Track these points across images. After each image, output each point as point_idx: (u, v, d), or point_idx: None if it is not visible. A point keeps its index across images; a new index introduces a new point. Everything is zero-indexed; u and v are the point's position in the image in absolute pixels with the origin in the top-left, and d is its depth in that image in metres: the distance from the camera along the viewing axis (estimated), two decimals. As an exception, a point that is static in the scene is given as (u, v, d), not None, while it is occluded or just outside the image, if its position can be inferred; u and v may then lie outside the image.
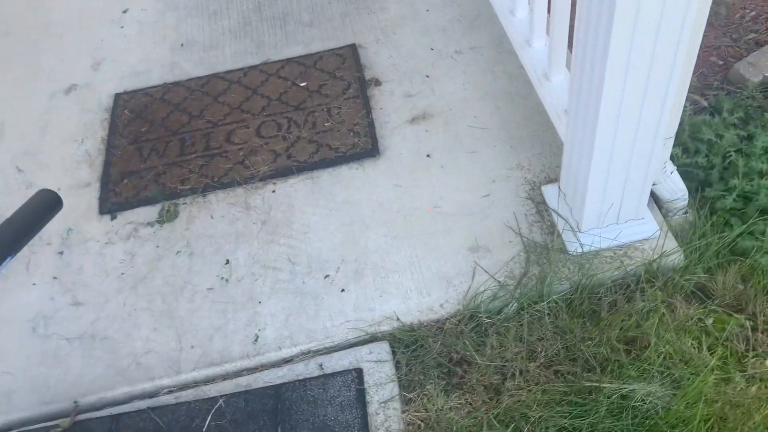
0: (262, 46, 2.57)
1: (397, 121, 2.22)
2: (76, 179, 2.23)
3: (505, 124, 2.15)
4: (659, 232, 1.78)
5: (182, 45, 2.63)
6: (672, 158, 1.79)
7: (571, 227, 1.81)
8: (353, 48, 2.47)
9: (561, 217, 1.85)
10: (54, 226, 2.09)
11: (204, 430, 1.63)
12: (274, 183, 2.11)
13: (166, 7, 2.81)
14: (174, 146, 2.25)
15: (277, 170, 2.12)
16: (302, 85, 2.37)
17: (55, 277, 1.98)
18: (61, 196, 1.33)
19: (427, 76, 2.34)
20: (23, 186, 2.23)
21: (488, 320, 1.73)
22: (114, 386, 1.74)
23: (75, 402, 1.73)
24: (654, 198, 1.85)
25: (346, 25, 2.58)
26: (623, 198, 1.69)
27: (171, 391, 1.73)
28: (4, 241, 1.52)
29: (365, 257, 1.89)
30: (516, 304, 1.74)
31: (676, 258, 1.76)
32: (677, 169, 1.82)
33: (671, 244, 1.78)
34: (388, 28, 2.54)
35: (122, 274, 1.96)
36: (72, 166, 2.27)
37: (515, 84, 2.24)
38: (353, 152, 2.13)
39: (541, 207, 1.92)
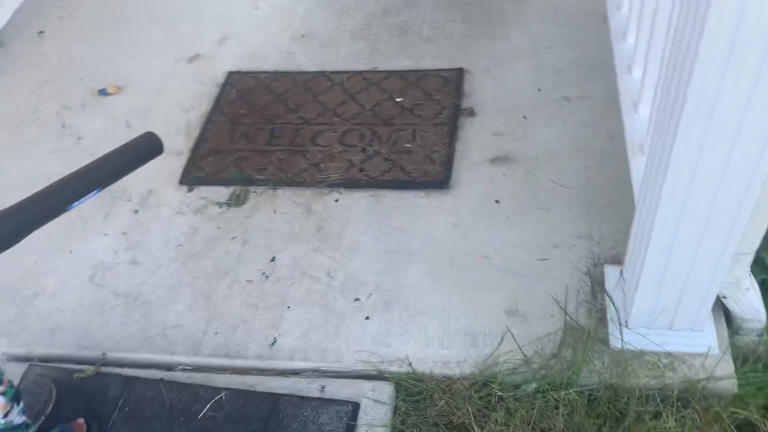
0: (374, 52, 2.57)
1: (477, 157, 2.14)
2: (172, 146, 2.37)
3: (589, 188, 2.00)
4: (717, 350, 1.58)
5: (303, 36, 2.70)
6: (753, 272, 1.57)
7: (619, 319, 1.66)
8: (460, 72, 2.41)
9: (613, 304, 1.69)
10: (138, 186, 2.24)
11: (199, 417, 1.69)
12: (339, 192, 2.12)
13: (301, -5, 2.90)
14: (263, 135, 2.32)
15: (347, 181, 2.13)
16: (398, 100, 2.35)
17: (124, 233, 2.13)
18: (154, 159, 1.45)
19: (524, 117, 2.22)
20: (125, 141, 2.40)
21: (501, 393, 1.63)
22: (138, 350, 1.85)
23: (103, 354, 1.86)
24: (725, 311, 1.64)
25: (461, 47, 2.52)
26: (679, 305, 1.51)
27: (185, 370, 1.81)
28: (100, 173, 1.66)
29: (399, 290, 1.85)
30: (535, 384, 1.63)
31: (729, 384, 1.55)
32: (760, 284, 1.60)
33: (727, 367, 1.57)
34: (502, 59, 2.44)
35: (180, 245, 2.07)
36: (172, 132, 2.42)
37: (614, 146, 2.07)
38: (423, 180, 2.09)
39: (597, 288, 1.77)
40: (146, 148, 1.77)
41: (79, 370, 1.83)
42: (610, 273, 1.77)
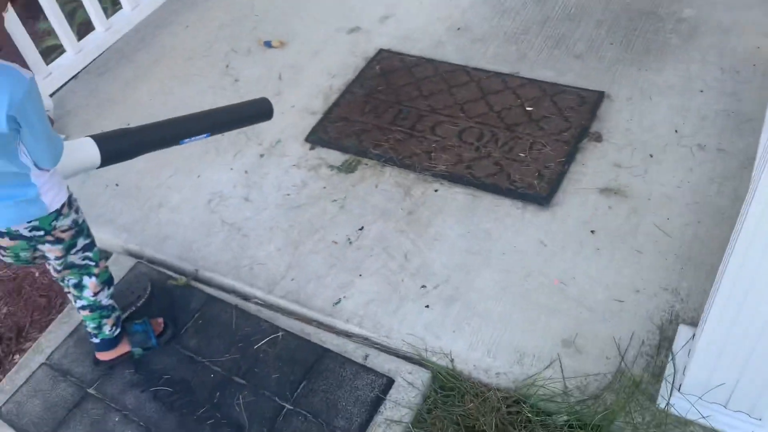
0: (522, 58, 2.57)
1: (588, 183, 2.09)
2: (310, 105, 2.56)
3: (693, 243, 1.88)
4: (771, 447, 1.45)
5: (458, 29, 2.76)
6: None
7: (674, 381, 1.57)
8: (600, 95, 2.34)
9: (674, 364, 1.61)
10: (271, 133, 2.45)
11: (255, 348, 1.86)
12: (441, 183, 2.17)
13: (470, -11, 2.95)
14: (390, 113, 2.43)
15: (451, 174, 2.18)
16: (528, 109, 2.34)
17: (246, 172, 2.35)
18: (291, 113, 1.65)
19: (651, 156, 2.12)
20: (273, 92, 2.63)
21: (530, 414, 1.62)
22: (226, 275, 2.05)
23: (196, 270, 2.09)
24: (796, 409, 1.50)
25: (609, 71, 2.44)
26: (738, 383, 1.41)
27: (257, 303, 1.99)
28: (213, 121, 1.90)
29: (466, 290, 1.88)
30: (566, 417, 1.60)
31: (773, 487, 1.42)
32: None
33: (777, 468, 1.44)
34: (648, 91, 2.33)
35: (288, 195, 2.25)
36: (314, 93, 2.61)
37: (735, 209, 1.92)
38: (525, 192, 2.08)
39: (664, 344, 1.69)
40: (258, 110, 1.99)
41: (173, 278, 2.07)
42: (683, 333, 1.67)
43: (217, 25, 3.03)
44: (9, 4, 1.27)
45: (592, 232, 1.97)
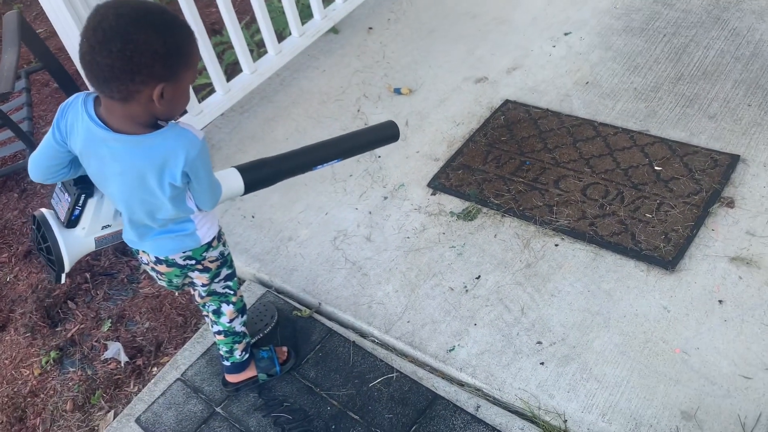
0: (651, 116, 2.53)
1: (717, 250, 2.02)
2: (433, 151, 2.65)
3: (835, 323, 1.77)
4: None
5: (587, 83, 2.77)
6: None
7: (806, 472, 1.48)
8: (734, 159, 2.26)
9: (807, 454, 1.52)
10: (395, 177, 2.56)
11: (370, 385, 1.94)
12: (562, 239, 2.18)
13: (601, 44, 2.95)
14: (512, 164, 2.47)
15: (573, 230, 2.18)
16: (656, 168, 2.30)
17: (370, 212, 2.47)
18: (415, 158, 1.75)
19: (789, 226, 2.03)
20: (400, 138, 2.74)
21: (644, 486, 1.58)
22: (346, 311, 2.16)
23: (319, 303, 2.22)
24: None
25: (746, 135, 2.35)
26: None
27: (374, 342, 2.08)
28: (344, 146, 2.01)
29: (583, 350, 1.87)
30: (683, 494, 1.55)
31: None
32: None
33: None
34: (789, 158, 2.23)
35: (407, 237, 2.34)
36: (438, 140, 2.70)
37: None
38: (650, 254, 2.04)
39: (797, 429, 1.59)
40: (385, 133, 2.07)
41: (297, 309, 2.21)
42: (819, 421, 1.58)
43: (351, 71, 3.21)
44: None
45: (720, 302, 1.90)
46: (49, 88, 3.92)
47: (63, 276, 1.63)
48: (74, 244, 1.61)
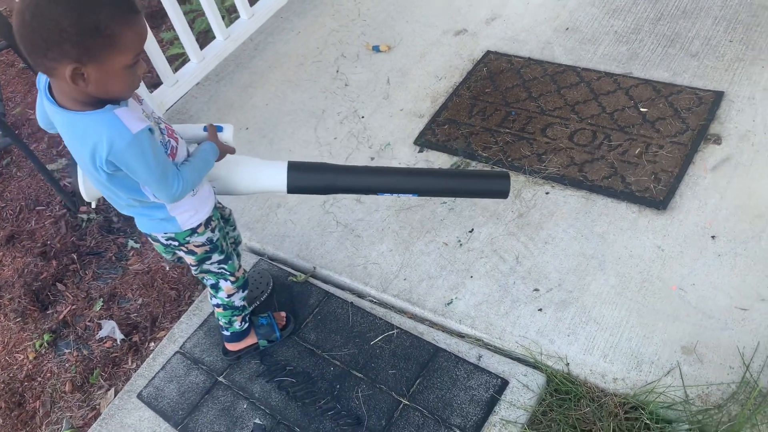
0: (633, 58, 2.52)
1: (707, 187, 2.03)
2: (417, 108, 2.62)
3: (825, 250, 1.80)
4: None
5: (567, 29, 2.74)
6: None
7: (806, 395, 1.52)
8: (719, 96, 2.26)
9: (806, 378, 1.55)
10: (381, 137, 2.53)
11: (371, 343, 1.94)
12: (552, 186, 2.17)
13: (578, -12, 2.91)
14: (498, 115, 2.45)
15: (563, 176, 2.17)
16: (642, 110, 2.30)
17: (357, 173, 2.44)
18: (399, 116, 1.58)
19: (776, 159, 2.04)
20: (381, 96, 2.71)
21: (649, 421, 1.61)
22: (341, 273, 2.15)
23: (314, 267, 2.20)
24: None
25: (729, 71, 2.35)
26: None
27: (372, 301, 2.07)
28: (428, 183, 1.65)
29: (580, 294, 1.89)
30: (687, 426, 1.58)
31: None
32: None
33: None
34: (773, 91, 2.24)
35: (398, 197, 2.32)
36: (421, 96, 2.66)
37: None
38: (641, 195, 2.05)
39: (794, 355, 1.63)
40: (495, 186, 1.65)
41: (293, 275, 2.19)
42: (816, 346, 1.61)
43: (327, 31, 3.14)
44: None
45: (713, 237, 1.92)
46: (15, 69, 3.80)
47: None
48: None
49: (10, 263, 2.68)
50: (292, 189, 1.58)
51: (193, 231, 1.61)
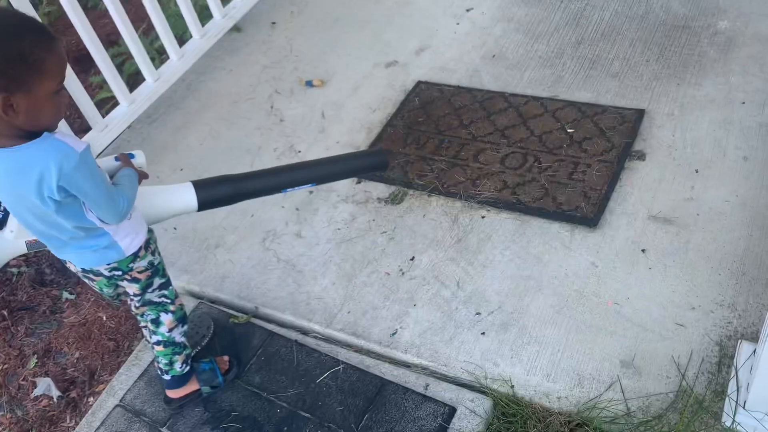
0: (558, 81, 2.61)
1: (635, 202, 2.10)
2: (353, 140, 2.64)
3: (746, 257, 1.88)
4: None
5: (493, 56, 2.82)
6: None
7: (738, 398, 1.57)
8: (640, 114, 2.36)
9: (737, 380, 1.60)
10: (317, 170, 2.54)
11: (317, 381, 1.92)
12: (488, 210, 2.21)
13: (502, 16, 3.01)
14: (432, 144, 2.49)
15: (497, 200, 2.22)
16: (569, 131, 2.37)
17: (297, 209, 2.43)
18: (335, 149, 1.71)
19: (696, 171, 2.13)
20: (317, 130, 2.72)
21: (594, 437, 1.64)
22: (284, 311, 2.12)
23: (256, 307, 2.17)
24: None
25: (648, 89, 2.46)
26: (805, 401, 1.41)
27: (316, 337, 2.05)
28: (322, 170, 1.85)
29: (520, 315, 1.91)
30: (630, 439, 1.61)
31: None
32: None
33: None
34: (689, 106, 2.34)
35: (338, 229, 2.31)
36: (356, 128, 2.69)
37: (789, 219, 1.92)
38: (572, 214, 2.11)
39: (725, 361, 1.68)
40: (373, 161, 1.93)
41: (234, 316, 2.15)
42: (744, 349, 1.66)
43: (259, 68, 3.15)
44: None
45: (643, 251, 1.98)
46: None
47: None
48: (2, 246, 1.56)
49: (-65, 324, 2.54)
50: (202, 205, 1.66)
51: (135, 256, 1.60)
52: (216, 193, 1.68)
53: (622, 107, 2.41)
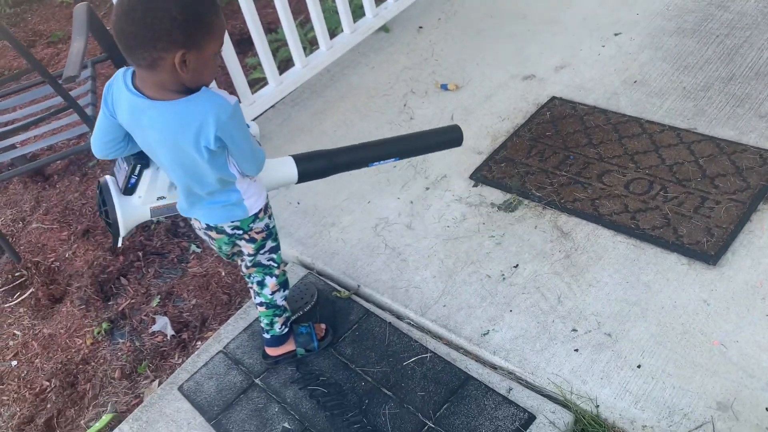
0: (699, 114, 2.51)
1: (762, 247, 1.98)
2: (477, 145, 2.68)
3: None
4: None
5: (635, 82, 2.75)
6: None
7: None
8: (785, 158, 2.22)
9: None
10: (437, 169, 2.61)
11: (404, 364, 1.98)
12: (602, 231, 2.17)
13: (651, 44, 2.93)
14: (556, 158, 2.48)
15: (614, 222, 2.17)
16: (702, 166, 2.27)
17: (411, 202, 2.52)
18: (458, 151, 1.86)
19: (840, 225, 1.98)
20: (444, 130, 2.79)
21: (675, 474, 1.57)
22: (383, 293, 2.20)
23: (358, 286, 2.27)
24: None
25: (798, 133, 2.30)
26: None
27: (409, 323, 2.12)
28: (404, 146, 2.05)
29: (618, 339, 1.87)
30: (715, 483, 1.53)
31: None
32: None
33: None
34: (843, 157, 2.17)
35: (447, 227, 2.37)
36: (482, 134, 2.73)
37: None
38: (692, 248, 2.02)
39: (838, 425, 1.55)
40: (449, 137, 2.09)
41: (337, 290, 2.27)
42: None
43: (400, 67, 3.27)
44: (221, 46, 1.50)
45: (763, 298, 1.86)
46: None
47: (120, 239, 1.73)
48: (130, 211, 1.70)
49: (82, 255, 2.88)
50: (302, 177, 1.81)
51: (255, 216, 1.73)
52: (313, 165, 1.82)
53: (766, 149, 2.28)
